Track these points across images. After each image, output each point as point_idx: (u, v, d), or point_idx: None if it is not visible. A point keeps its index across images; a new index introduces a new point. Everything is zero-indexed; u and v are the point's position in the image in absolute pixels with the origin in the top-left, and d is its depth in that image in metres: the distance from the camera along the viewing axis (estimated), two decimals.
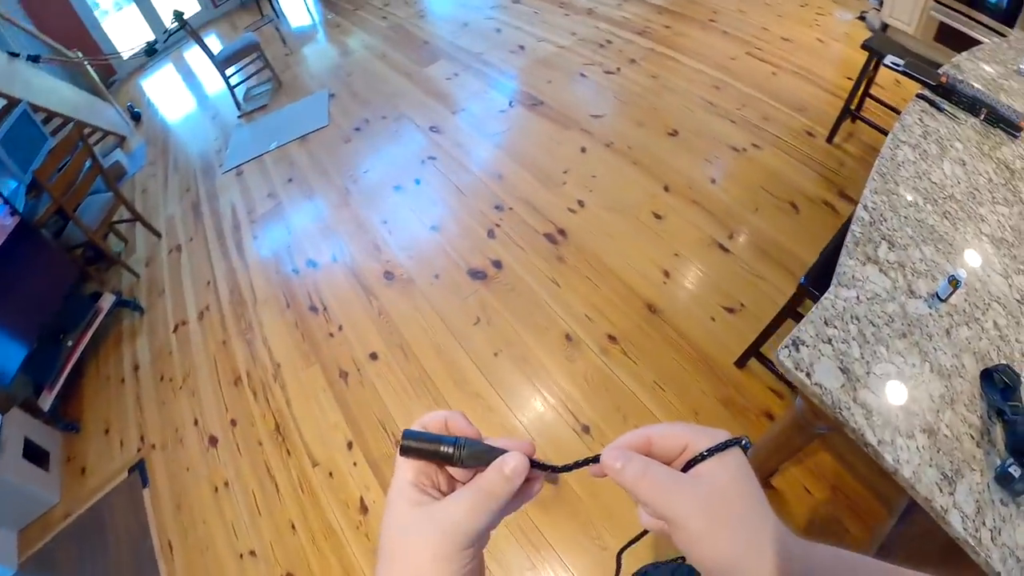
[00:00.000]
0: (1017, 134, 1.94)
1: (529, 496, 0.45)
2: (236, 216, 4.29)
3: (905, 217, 1.58)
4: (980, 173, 1.75)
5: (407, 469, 0.44)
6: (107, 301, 3.60)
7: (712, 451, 0.41)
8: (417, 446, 0.43)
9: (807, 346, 1.30)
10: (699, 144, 3.65)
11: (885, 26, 4.56)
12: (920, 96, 2.10)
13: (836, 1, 5.04)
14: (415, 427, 0.46)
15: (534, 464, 0.44)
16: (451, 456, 0.43)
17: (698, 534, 0.38)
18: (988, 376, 1.20)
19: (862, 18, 4.81)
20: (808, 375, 1.22)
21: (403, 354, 2.95)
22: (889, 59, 2.33)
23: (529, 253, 3.19)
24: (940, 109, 2.04)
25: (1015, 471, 1.02)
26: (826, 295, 1.37)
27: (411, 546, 0.40)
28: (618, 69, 4.36)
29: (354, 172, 4.21)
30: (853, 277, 1.41)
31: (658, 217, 3.24)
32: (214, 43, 7.62)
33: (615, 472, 0.42)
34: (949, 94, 2.10)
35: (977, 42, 2.95)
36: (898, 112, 3.70)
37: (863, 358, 1.25)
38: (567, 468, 0.45)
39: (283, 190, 4.33)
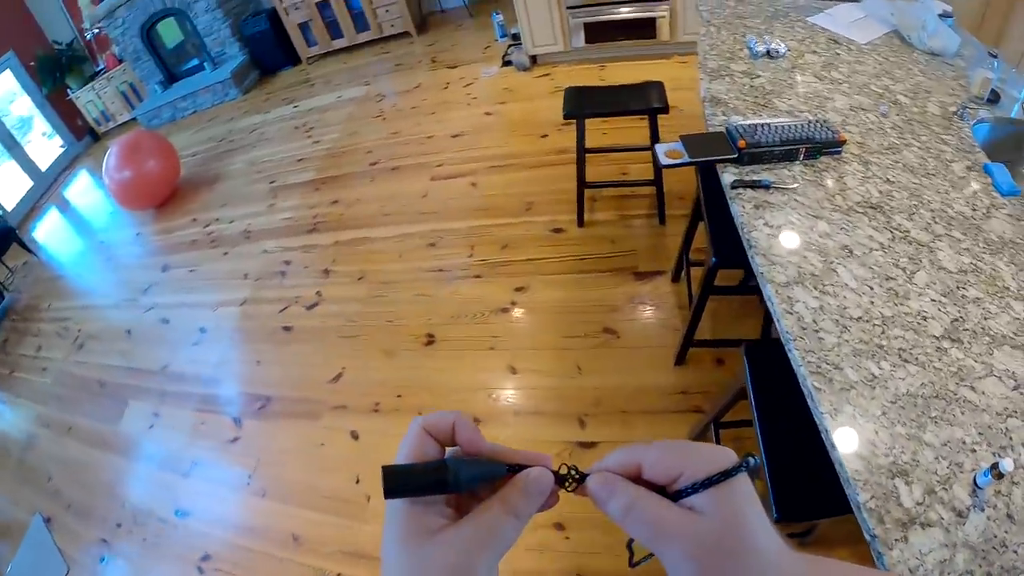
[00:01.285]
0: (840, 149, 1.75)
1: (548, 506, 0.40)
2: None
3: (884, 415, 1.15)
4: (869, 247, 1.47)
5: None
6: None
7: (706, 484, 0.36)
8: (403, 483, 0.35)
9: None
10: (460, 333, 2.89)
11: (534, 58, 4.11)
12: (736, 185, 1.68)
13: (474, 62, 4.44)
14: (411, 437, 0.38)
15: (557, 478, 0.39)
16: (446, 483, 0.36)
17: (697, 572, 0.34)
18: None
19: (508, 63, 4.29)
20: None
21: None
22: (662, 152, 1.82)
23: None
24: (767, 187, 1.66)
25: None
26: None
27: None
28: (318, 294, 3.46)
29: None
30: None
31: None
32: None
33: (600, 504, 0.38)
34: (756, 157, 1.73)
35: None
36: (624, 150, 3.14)
37: None
38: (568, 481, 0.40)
39: None
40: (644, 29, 4.14)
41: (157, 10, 6.38)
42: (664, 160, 1.78)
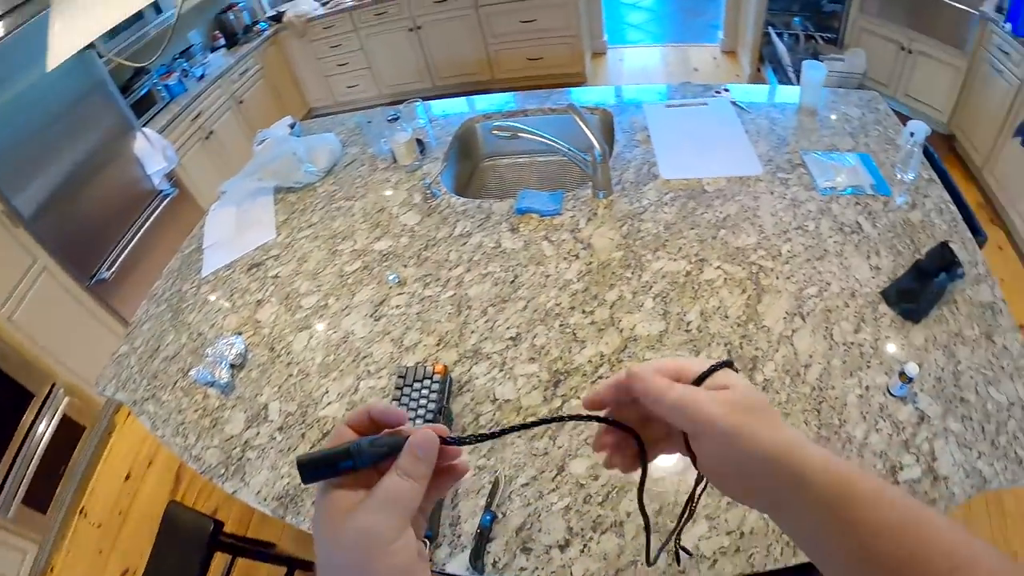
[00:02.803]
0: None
1: (457, 476, 0.44)
2: None
3: None
4: None
5: (323, 487, 0.41)
6: None
7: (716, 367, 0.43)
8: (313, 467, 0.39)
9: None
10: None
11: None
12: None
13: None
14: (332, 435, 0.43)
15: (447, 441, 0.42)
16: (351, 459, 0.39)
17: (738, 428, 0.40)
18: None
19: None
20: None
21: None
22: None
23: None
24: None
25: None
26: None
27: (351, 552, 0.37)
28: None
29: None
30: None
31: None
32: None
33: (643, 384, 0.43)
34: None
35: None
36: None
37: None
38: (485, 437, 0.44)
39: None
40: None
41: None
42: None
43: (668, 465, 1.01)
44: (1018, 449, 0.97)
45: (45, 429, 2.92)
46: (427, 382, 1.12)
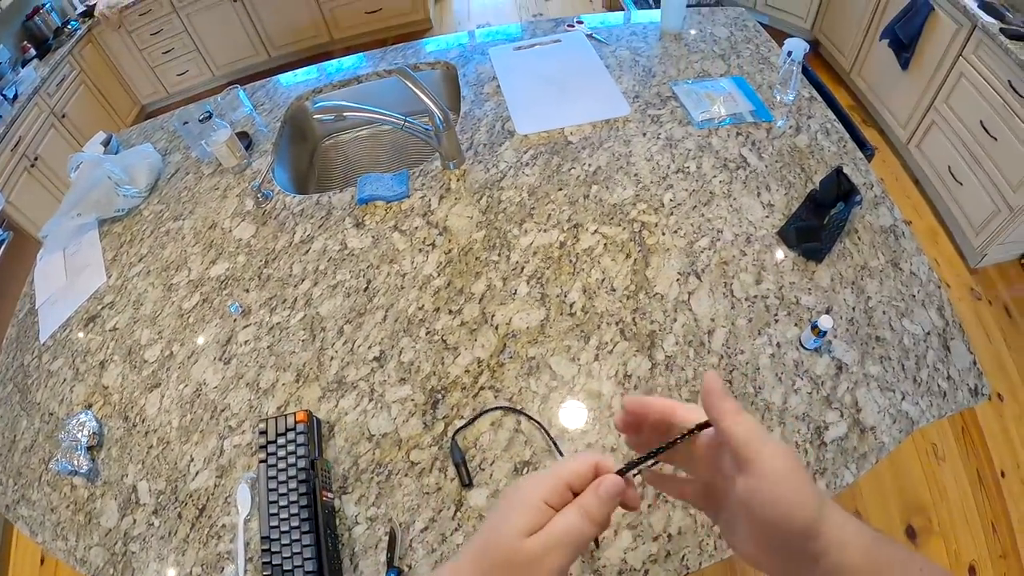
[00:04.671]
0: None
1: (633, 503, 0.42)
2: None
3: None
4: None
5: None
6: None
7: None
8: None
9: None
10: None
11: None
12: None
13: None
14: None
15: (626, 469, 0.40)
16: None
17: (784, 475, 0.35)
18: None
19: None
20: None
21: None
22: None
23: None
24: None
25: None
26: None
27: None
28: None
29: None
30: None
31: None
32: None
33: (721, 401, 0.38)
34: None
35: None
36: None
37: None
38: (661, 450, 0.40)
39: None
40: None
41: None
42: None
43: None
44: (940, 381, 0.93)
45: None
46: (290, 434, 0.95)
